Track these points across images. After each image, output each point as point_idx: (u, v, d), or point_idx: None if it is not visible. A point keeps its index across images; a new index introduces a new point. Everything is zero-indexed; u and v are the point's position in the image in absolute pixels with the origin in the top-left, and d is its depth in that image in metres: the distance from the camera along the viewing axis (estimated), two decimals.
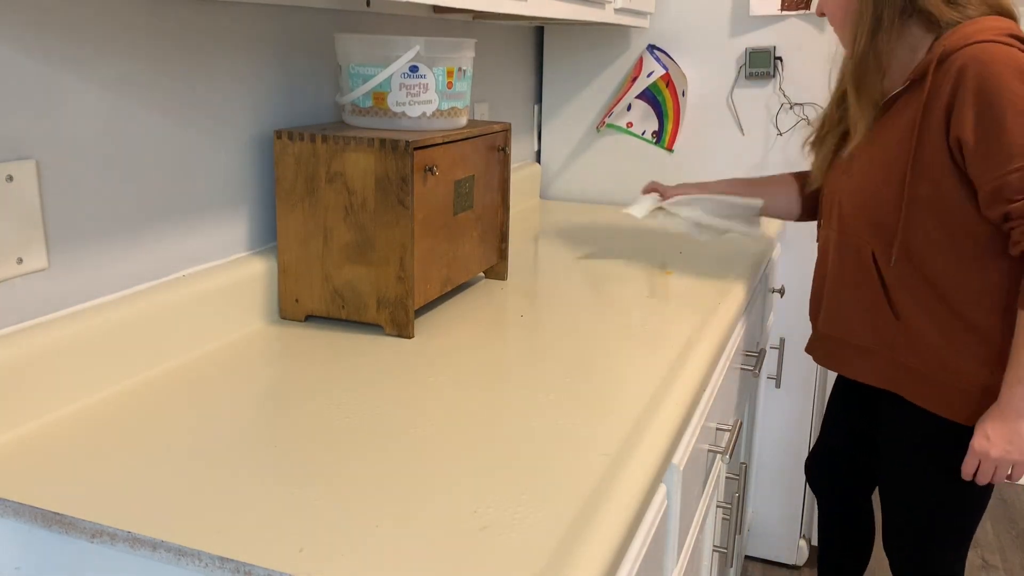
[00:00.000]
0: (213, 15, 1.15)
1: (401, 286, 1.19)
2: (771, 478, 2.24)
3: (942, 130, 1.20)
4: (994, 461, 1.24)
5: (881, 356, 1.36)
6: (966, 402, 1.28)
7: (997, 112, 1.14)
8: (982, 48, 1.17)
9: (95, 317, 0.98)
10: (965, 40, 1.18)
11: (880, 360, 1.36)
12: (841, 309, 1.40)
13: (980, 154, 1.16)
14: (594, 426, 0.94)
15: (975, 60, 1.16)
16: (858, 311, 1.37)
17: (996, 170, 1.15)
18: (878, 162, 1.29)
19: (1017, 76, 1.14)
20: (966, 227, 1.22)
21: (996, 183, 1.16)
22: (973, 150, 1.17)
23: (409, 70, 1.23)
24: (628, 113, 2.18)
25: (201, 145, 1.15)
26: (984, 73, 1.15)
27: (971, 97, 1.16)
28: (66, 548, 0.75)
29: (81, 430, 0.90)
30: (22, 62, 0.89)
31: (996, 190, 1.16)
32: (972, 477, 1.28)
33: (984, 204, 1.19)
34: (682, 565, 1.11)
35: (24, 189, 0.91)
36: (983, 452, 1.25)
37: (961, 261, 1.24)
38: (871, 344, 1.36)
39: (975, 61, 1.16)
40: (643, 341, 1.21)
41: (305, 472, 0.82)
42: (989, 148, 1.15)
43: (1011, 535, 2.51)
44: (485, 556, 0.70)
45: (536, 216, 2.10)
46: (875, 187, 1.29)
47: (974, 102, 1.16)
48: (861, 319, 1.36)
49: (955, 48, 1.19)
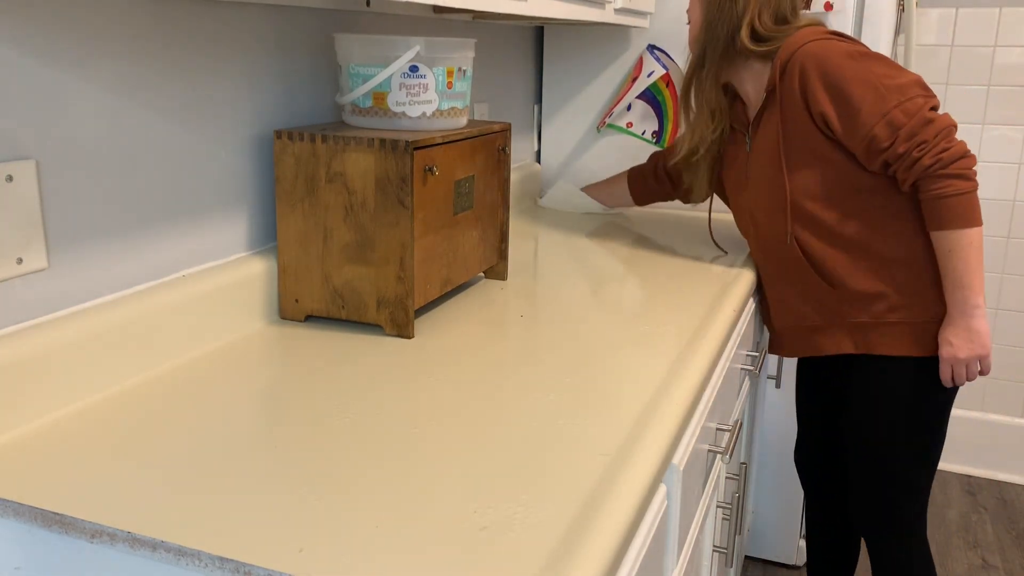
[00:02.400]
0: (213, 15, 1.15)
1: (401, 286, 1.19)
2: (771, 478, 2.24)
3: (806, 116, 1.42)
4: (963, 361, 1.42)
5: (836, 326, 1.51)
6: (918, 334, 1.45)
7: (844, 85, 1.37)
8: (810, 47, 1.40)
9: (95, 317, 0.98)
10: (795, 46, 1.42)
11: (837, 330, 1.51)
12: (786, 302, 1.57)
13: (845, 122, 1.38)
14: (594, 426, 0.94)
15: (809, 55, 1.40)
16: (799, 296, 1.54)
17: (861, 130, 1.37)
18: (768, 165, 1.50)
19: (846, 56, 1.38)
20: (858, 180, 1.43)
21: (866, 141, 1.37)
22: (837, 122, 1.39)
23: (409, 70, 1.23)
24: (628, 113, 2.18)
25: (201, 145, 1.15)
26: (820, 62, 1.39)
27: (818, 81, 1.39)
28: (66, 548, 0.75)
29: (81, 430, 0.90)
30: (22, 62, 0.89)
31: (868, 145, 1.37)
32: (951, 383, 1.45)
33: (864, 160, 1.40)
34: (682, 565, 1.11)
35: (24, 189, 0.91)
36: (952, 357, 1.42)
37: (865, 212, 1.44)
38: (822, 321, 1.53)
39: (809, 56, 1.40)
40: (643, 341, 1.21)
41: (305, 472, 0.82)
42: (850, 115, 1.37)
43: (1011, 535, 2.51)
44: (485, 556, 0.70)
45: (536, 216, 2.10)
46: (775, 188, 1.49)
47: (822, 84, 1.39)
48: (804, 303, 1.53)
49: (788, 55, 1.42)
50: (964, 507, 2.65)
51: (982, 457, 2.83)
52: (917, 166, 1.35)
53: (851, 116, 1.37)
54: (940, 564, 2.36)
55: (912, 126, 1.34)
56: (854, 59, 1.38)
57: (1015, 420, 2.78)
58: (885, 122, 1.35)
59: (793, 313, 1.57)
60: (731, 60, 1.50)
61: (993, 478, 2.82)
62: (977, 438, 2.84)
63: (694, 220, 2.08)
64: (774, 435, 2.22)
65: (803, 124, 1.43)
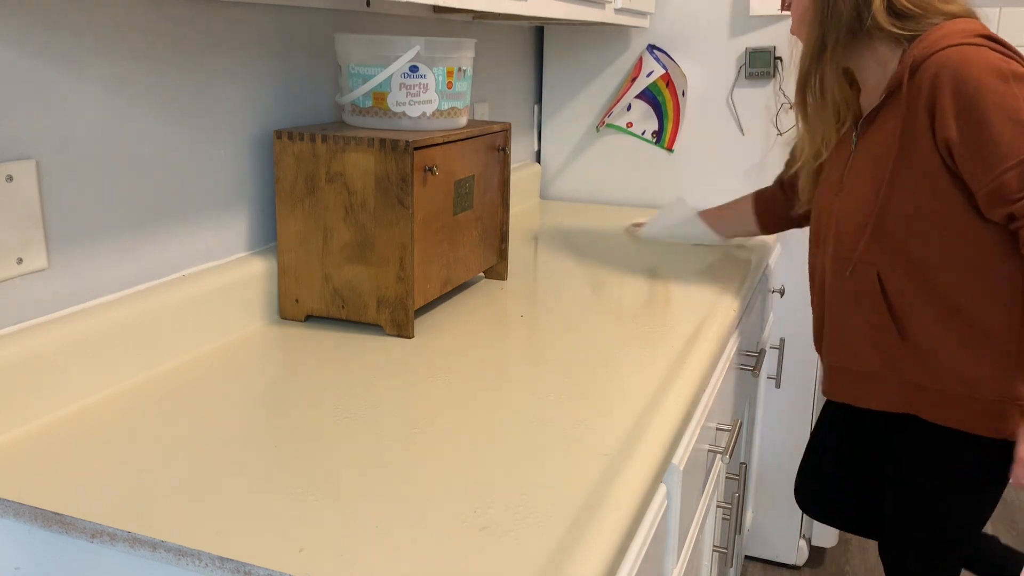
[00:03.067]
0: (213, 15, 1.15)
1: (401, 286, 1.19)
2: (771, 478, 2.24)
3: (929, 136, 1.18)
4: None
5: (891, 380, 1.31)
6: (986, 412, 1.24)
7: (980, 113, 1.12)
8: (952, 52, 1.15)
9: (95, 317, 0.98)
10: (934, 46, 1.17)
11: (890, 384, 1.31)
12: (844, 336, 1.35)
13: (970, 156, 1.14)
14: (594, 426, 0.94)
15: (947, 64, 1.15)
16: (862, 335, 1.32)
17: (990, 172, 1.13)
18: (868, 177, 1.26)
19: (993, 74, 1.12)
20: (969, 231, 1.19)
21: (993, 185, 1.13)
22: (962, 153, 1.15)
23: (409, 70, 1.23)
24: (628, 113, 2.18)
25: (201, 145, 1.15)
26: (959, 75, 1.14)
27: (950, 101, 1.14)
28: (66, 548, 0.75)
29: (81, 430, 0.90)
30: (22, 62, 0.89)
31: (994, 191, 1.14)
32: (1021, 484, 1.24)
33: (984, 206, 1.16)
34: (682, 565, 1.11)
35: (24, 189, 0.91)
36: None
37: (968, 267, 1.21)
38: (878, 369, 1.31)
39: (947, 65, 1.15)
40: (643, 341, 1.21)
41: (305, 472, 0.82)
42: (979, 150, 1.13)
43: (1011, 535, 2.50)
44: (485, 556, 0.70)
45: (536, 216, 2.10)
46: (870, 203, 1.25)
47: (954, 105, 1.14)
48: (865, 343, 1.31)
49: (925, 56, 1.18)
50: None
51: None
52: None
53: (981, 152, 1.13)
54: None
55: None
56: (1004, 80, 1.12)
57: None
58: (1022, 168, 1.11)
59: (848, 351, 1.34)
60: (855, 41, 1.25)
61: None
62: None
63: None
64: (774, 435, 2.22)
65: (923, 142, 1.19)
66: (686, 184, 2.20)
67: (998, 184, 1.13)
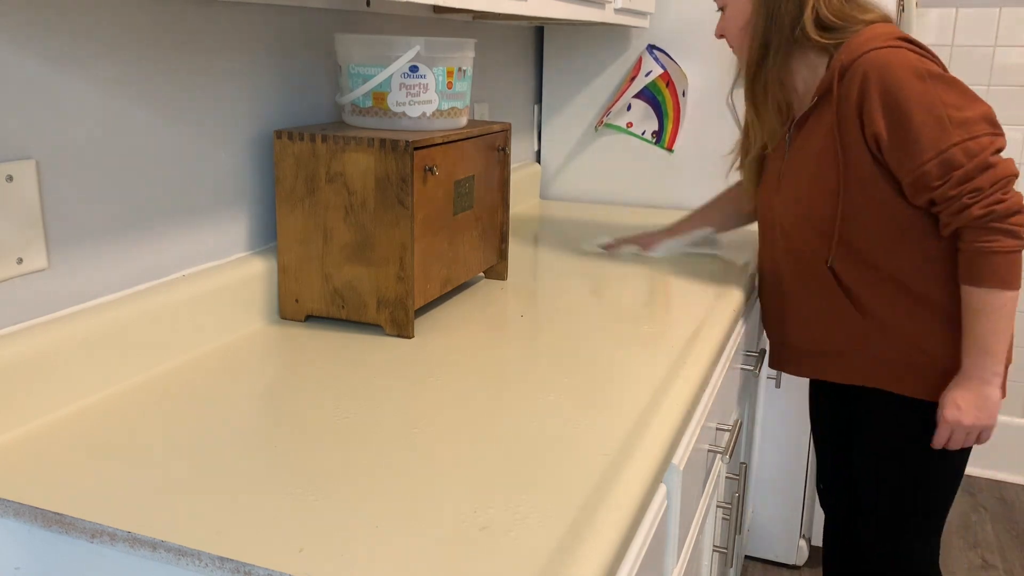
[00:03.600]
0: (213, 15, 1.15)
1: (401, 286, 1.19)
2: (771, 478, 2.24)
3: (858, 132, 1.29)
4: (966, 428, 1.31)
5: (857, 356, 1.41)
6: (937, 378, 1.35)
7: (904, 109, 1.23)
8: (876, 54, 1.26)
9: (95, 317, 0.98)
10: (860, 49, 1.27)
11: (856, 360, 1.41)
12: (809, 321, 1.45)
13: (895, 148, 1.25)
14: (594, 426, 0.94)
15: (873, 65, 1.25)
16: (826, 319, 1.42)
17: (912, 162, 1.24)
18: (806, 175, 1.37)
19: (913, 73, 1.23)
20: (900, 216, 1.30)
21: (915, 174, 1.25)
22: (888, 145, 1.26)
23: (409, 70, 1.23)
24: (628, 113, 2.18)
25: (201, 145, 1.15)
26: (884, 75, 1.24)
27: (877, 98, 1.25)
28: (66, 548, 0.75)
29: (81, 430, 0.90)
30: (22, 62, 0.89)
31: (916, 180, 1.25)
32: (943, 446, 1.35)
33: (909, 194, 1.28)
34: (682, 565, 1.11)
35: (24, 189, 0.91)
36: (955, 421, 1.31)
37: (905, 248, 1.32)
38: (844, 348, 1.42)
39: (873, 66, 1.25)
40: (643, 341, 1.21)
41: (305, 472, 0.82)
42: (902, 142, 1.24)
43: (1011, 535, 2.51)
44: (485, 556, 0.70)
45: (536, 216, 2.10)
46: (810, 198, 1.36)
47: (881, 102, 1.25)
48: (830, 326, 1.42)
49: (853, 59, 1.28)
50: (964, 507, 2.65)
51: (982, 457, 2.82)
52: (965, 214, 1.23)
53: (905, 144, 1.24)
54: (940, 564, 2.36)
55: (969, 169, 1.21)
56: (922, 79, 1.23)
57: (1015, 420, 2.78)
58: (941, 160, 1.22)
59: (814, 334, 1.45)
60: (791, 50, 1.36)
61: (993, 478, 2.82)
62: None
63: None
64: (774, 435, 2.22)
65: (854, 138, 1.29)
66: (686, 184, 2.20)
67: (920, 173, 1.24)
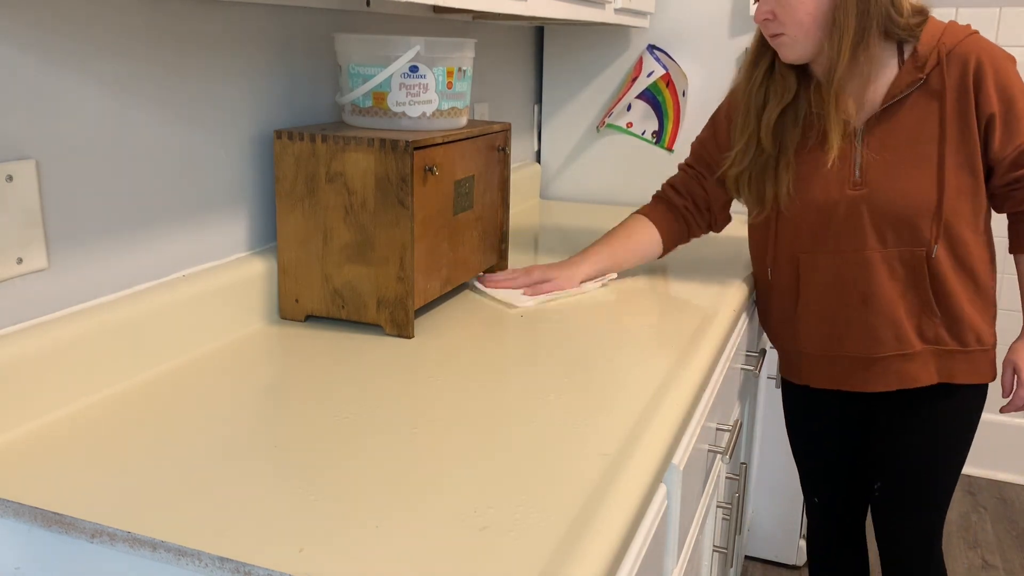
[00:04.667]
0: (213, 15, 1.15)
1: (401, 286, 1.19)
2: (771, 478, 2.23)
3: (972, 113, 1.29)
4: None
5: (926, 356, 1.38)
6: (990, 362, 1.40)
7: (1011, 91, 1.28)
8: (978, 39, 1.30)
9: (95, 317, 0.98)
10: (957, 36, 1.30)
11: (927, 360, 1.38)
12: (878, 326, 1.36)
13: (1004, 128, 1.28)
14: (594, 426, 0.94)
15: (983, 49, 1.29)
16: (900, 321, 1.36)
17: (1016, 140, 1.28)
18: (907, 164, 1.31)
19: (1009, 60, 1.30)
20: (981, 198, 1.33)
21: (1016, 152, 1.29)
22: (999, 124, 1.28)
23: (409, 70, 1.23)
24: (628, 113, 2.18)
25: (201, 145, 1.15)
26: (993, 59, 1.28)
27: (992, 80, 1.28)
28: (66, 548, 0.75)
29: (81, 430, 0.90)
30: (22, 62, 0.89)
31: (1016, 159, 1.29)
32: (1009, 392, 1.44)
33: (999, 172, 1.31)
34: (682, 565, 1.11)
35: (24, 189, 0.91)
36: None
37: (979, 234, 1.36)
38: (918, 348, 1.37)
39: (984, 50, 1.28)
40: (643, 341, 1.21)
41: (305, 472, 0.82)
42: (1010, 122, 1.28)
43: (1011, 535, 2.51)
44: (485, 556, 0.70)
45: (536, 216, 2.10)
46: (918, 189, 1.31)
47: (995, 84, 1.28)
48: (904, 327, 1.36)
49: (953, 44, 1.29)
50: (964, 507, 2.65)
51: (982, 457, 2.82)
52: None
53: (1012, 123, 1.28)
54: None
55: None
56: (1012, 63, 1.30)
57: (1015, 420, 2.78)
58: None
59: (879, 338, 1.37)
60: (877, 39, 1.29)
61: (993, 478, 2.82)
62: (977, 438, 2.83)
63: None
64: (774, 435, 2.21)
65: (969, 122, 1.29)
66: None
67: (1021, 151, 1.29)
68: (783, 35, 1.30)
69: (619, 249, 1.51)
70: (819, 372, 1.46)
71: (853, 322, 1.38)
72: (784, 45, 1.32)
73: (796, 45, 1.30)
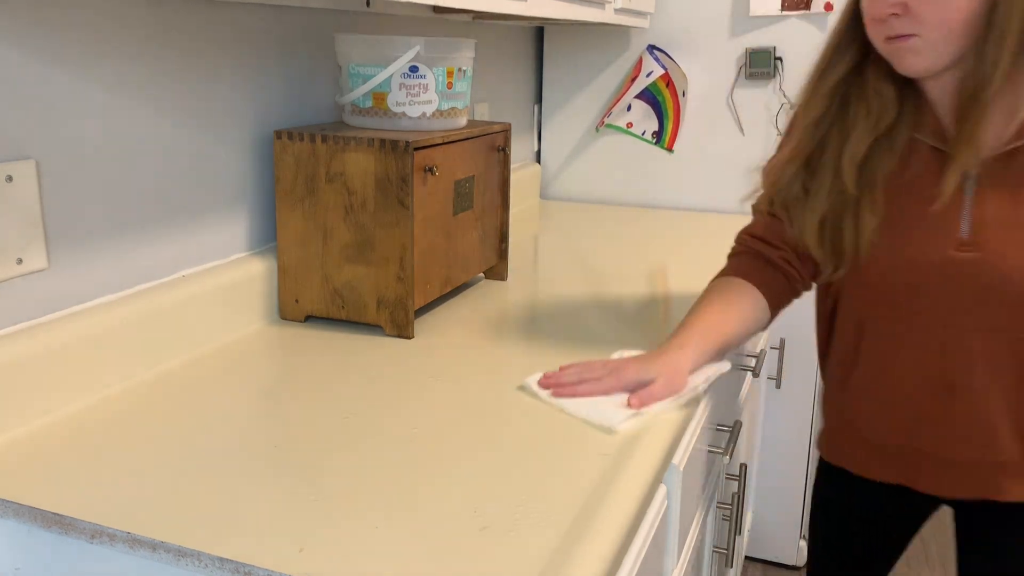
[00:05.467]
0: (213, 15, 1.15)
1: (401, 286, 1.19)
2: (771, 478, 2.24)
3: None
4: None
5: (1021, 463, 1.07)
6: None
7: None
8: None
9: (95, 317, 0.98)
10: None
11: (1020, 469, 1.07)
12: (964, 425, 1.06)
13: None
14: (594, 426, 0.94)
15: None
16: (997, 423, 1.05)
17: None
18: None
19: None
20: None
21: None
22: None
23: (409, 70, 1.23)
24: (628, 113, 2.18)
25: (201, 145, 1.15)
26: None
27: None
28: (66, 548, 0.75)
29: (81, 430, 0.90)
30: (22, 62, 0.89)
31: None
32: None
33: None
34: (682, 565, 1.11)
35: (24, 189, 0.91)
36: None
37: None
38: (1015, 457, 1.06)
39: None
40: (643, 341, 1.21)
41: (305, 472, 0.82)
42: None
43: None
44: (485, 556, 0.70)
45: (536, 216, 2.10)
46: None
47: None
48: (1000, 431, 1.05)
49: None
50: None
51: None
52: None
53: None
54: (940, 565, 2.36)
55: None
56: None
57: None
58: None
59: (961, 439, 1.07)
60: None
61: None
62: None
63: (693, 218, 2.08)
64: (774, 435, 2.22)
65: None
66: (686, 184, 2.20)
67: None
68: (915, 37, 0.96)
69: (721, 322, 1.11)
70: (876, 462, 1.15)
71: (931, 414, 1.08)
72: (913, 51, 0.97)
73: (930, 52, 0.97)
